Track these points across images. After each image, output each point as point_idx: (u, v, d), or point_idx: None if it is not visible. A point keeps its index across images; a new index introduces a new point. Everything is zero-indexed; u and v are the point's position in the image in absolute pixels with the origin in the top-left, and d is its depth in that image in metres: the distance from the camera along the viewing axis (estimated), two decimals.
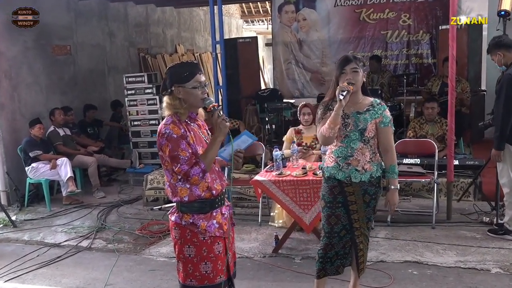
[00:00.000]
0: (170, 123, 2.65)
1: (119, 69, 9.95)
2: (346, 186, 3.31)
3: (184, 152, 2.61)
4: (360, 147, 3.27)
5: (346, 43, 10.11)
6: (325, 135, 3.25)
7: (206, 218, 2.71)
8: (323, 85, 10.27)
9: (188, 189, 2.68)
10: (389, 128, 3.29)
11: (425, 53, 9.69)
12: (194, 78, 2.67)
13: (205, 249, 2.71)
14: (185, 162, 2.60)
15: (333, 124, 3.19)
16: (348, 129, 3.28)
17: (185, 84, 2.66)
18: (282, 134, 6.38)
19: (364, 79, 3.29)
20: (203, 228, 2.70)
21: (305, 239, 5.00)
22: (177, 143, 2.60)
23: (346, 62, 3.23)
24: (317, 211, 4.43)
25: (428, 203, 5.83)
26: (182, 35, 13.12)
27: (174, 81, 2.68)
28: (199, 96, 2.68)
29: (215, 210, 2.76)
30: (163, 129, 2.64)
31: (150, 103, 8.03)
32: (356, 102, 3.28)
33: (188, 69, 2.69)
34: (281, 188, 4.54)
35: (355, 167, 3.28)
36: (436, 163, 5.47)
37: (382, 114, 3.26)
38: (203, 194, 2.69)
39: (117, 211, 6.53)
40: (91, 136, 8.43)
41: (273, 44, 11.03)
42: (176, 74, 2.69)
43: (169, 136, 2.61)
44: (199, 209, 2.71)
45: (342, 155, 3.31)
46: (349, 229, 3.37)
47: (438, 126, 6.33)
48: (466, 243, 4.71)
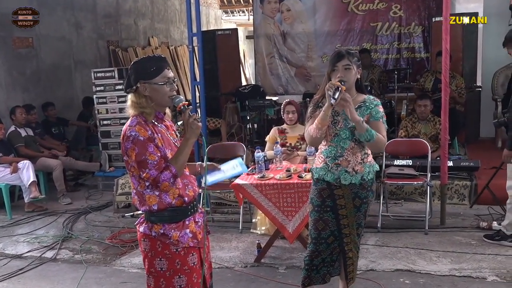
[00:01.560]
0: (136, 125, 2.59)
1: (86, 64, 9.86)
2: (336, 188, 3.33)
3: (152, 156, 2.56)
4: (351, 146, 3.30)
5: (333, 36, 10.18)
6: (312, 135, 3.28)
7: (178, 228, 2.67)
8: (309, 81, 10.34)
9: (157, 197, 2.63)
10: (379, 122, 3.27)
11: (417, 47, 9.81)
12: (162, 74, 2.63)
13: (178, 262, 2.67)
14: (153, 167, 2.55)
15: (321, 124, 3.22)
16: (338, 127, 3.30)
17: (151, 80, 2.61)
18: (265, 134, 6.39)
19: (358, 76, 3.32)
20: (176, 239, 2.66)
21: (290, 247, 5.01)
22: (144, 147, 2.55)
23: (338, 58, 3.25)
24: (302, 217, 4.45)
25: (420, 207, 5.90)
26: (156, 27, 13.06)
27: (139, 77, 2.62)
28: (167, 94, 2.64)
29: (188, 218, 2.72)
30: (128, 131, 2.58)
31: (121, 101, 7.96)
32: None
33: (154, 63, 2.64)
34: (264, 193, 4.55)
35: (345, 168, 3.30)
36: (429, 165, 5.52)
37: (373, 109, 3.28)
38: (173, 201, 2.65)
39: (85, 219, 6.47)
40: (56, 137, 8.34)
41: (254, 37, 11.05)
42: (141, 69, 2.64)
43: (135, 139, 2.55)
44: (170, 218, 2.66)
45: (332, 155, 3.33)
46: (338, 236, 3.40)
47: (431, 125, 6.40)
48: (461, 250, 4.77)
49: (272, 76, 10.70)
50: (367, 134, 3.17)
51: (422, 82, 7.96)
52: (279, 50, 10.57)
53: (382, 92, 8.70)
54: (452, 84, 7.26)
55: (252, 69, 14.05)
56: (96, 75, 8.09)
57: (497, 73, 8.25)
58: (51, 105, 8.46)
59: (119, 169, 7.83)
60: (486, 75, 8.61)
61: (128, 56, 11.27)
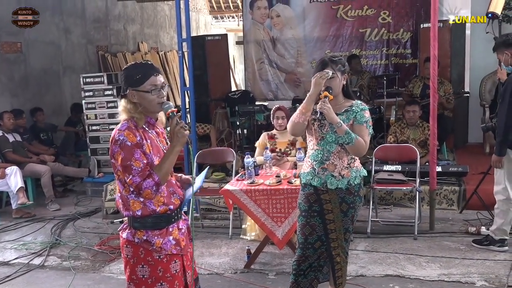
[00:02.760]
0: (125, 129, 2.59)
1: (75, 69, 9.83)
2: (322, 193, 3.35)
3: (137, 162, 2.56)
4: (337, 150, 3.32)
5: (323, 41, 10.20)
6: (294, 120, 3.32)
7: (161, 235, 2.66)
8: (299, 86, 10.34)
9: (141, 203, 2.63)
10: (362, 126, 3.29)
11: (405, 53, 9.85)
12: (149, 81, 2.62)
13: (160, 269, 2.67)
14: (137, 173, 2.55)
15: (305, 109, 3.27)
16: (324, 130, 3.33)
17: (138, 88, 2.62)
18: (255, 140, 6.40)
19: (344, 82, 3.35)
20: (158, 246, 2.65)
21: (280, 253, 5.00)
22: (130, 152, 2.56)
23: (322, 67, 3.30)
24: (291, 223, 4.45)
25: (410, 213, 5.92)
26: (146, 32, 13.04)
27: (128, 83, 2.65)
28: (155, 101, 2.64)
29: (172, 225, 2.71)
30: (116, 135, 2.59)
31: (110, 106, 7.94)
32: (336, 104, 3.34)
33: (141, 70, 2.65)
34: (253, 198, 4.55)
35: (332, 173, 3.32)
36: (418, 170, 5.55)
37: (358, 113, 3.30)
38: (158, 209, 2.65)
39: (73, 225, 6.42)
40: (44, 143, 8.30)
41: (244, 43, 11.05)
42: (129, 77, 2.65)
43: (122, 144, 2.56)
44: (153, 225, 2.65)
45: (318, 159, 3.35)
46: (325, 240, 3.41)
47: (420, 131, 6.44)
48: (450, 255, 4.79)
49: (262, 81, 10.69)
50: (346, 137, 3.21)
51: (411, 88, 8.00)
52: (269, 56, 10.57)
53: (371, 97, 8.73)
54: (440, 90, 7.31)
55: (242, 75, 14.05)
56: (85, 80, 8.05)
57: (485, 79, 8.32)
58: (40, 110, 8.41)
59: (108, 175, 7.79)
60: (474, 81, 8.67)
61: (118, 61, 11.24)
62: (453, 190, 6.10)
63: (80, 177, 8.21)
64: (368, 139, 3.32)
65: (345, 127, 3.22)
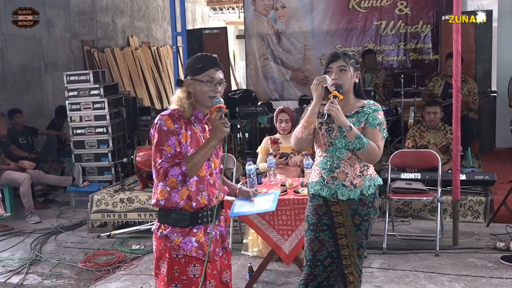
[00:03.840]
0: (166, 115, 2.82)
1: (58, 66, 9.85)
2: (333, 205, 3.33)
3: (169, 148, 2.75)
4: (348, 157, 3.29)
5: (333, 35, 10.23)
6: (297, 135, 3.32)
7: (182, 233, 2.83)
8: (306, 85, 10.35)
9: (167, 193, 2.82)
10: (375, 130, 3.27)
11: (425, 47, 9.88)
12: (207, 72, 2.85)
13: (176, 269, 2.82)
14: (167, 159, 2.75)
15: (307, 123, 3.27)
16: (333, 135, 3.30)
17: (196, 77, 2.85)
18: (257, 145, 6.40)
19: (356, 80, 3.34)
20: (177, 244, 2.82)
21: (285, 270, 5.00)
22: (165, 137, 2.76)
23: (333, 58, 3.29)
24: (299, 237, 4.44)
25: (430, 226, 5.91)
26: (136, 25, 13.08)
27: (187, 72, 2.91)
28: (207, 93, 2.84)
29: (197, 227, 2.86)
30: (157, 119, 2.82)
31: (97, 107, 7.96)
32: (345, 105, 3.32)
33: (203, 60, 2.90)
34: None
35: (342, 182, 3.30)
36: (439, 178, 5.54)
37: (370, 115, 3.28)
38: (181, 202, 2.81)
39: (55, 240, 6.42)
40: (24, 148, 8.30)
41: (245, 36, 11.09)
42: (191, 64, 2.92)
43: (159, 127, 2.78)
44: (175, 221, 2.83)
45: (327, 166, 3.33)
46: (336, 257, 3.39)
47: (441, 135, 6.43)
48: (476, 273, 4.77)
49: (265, 79, 10.72)
50: (356, 142, 3.19)
51: (431, 86, 8.00)
52: (273, 51, 10.60)
53: (387, 97, 8.75)
54: (464, 89, 7.31)
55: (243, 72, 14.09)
56: (69, 79, 8.06)
57: None
58: (19, 112, 8.41)
59: (94, 183, 7.79)
60: (501, 79, 8.66)
61: (105, 57, 11.28)
62: (479, 201, 6.08)
63: (63, 186, 8.20)
64: (382, 143, 3.29)
65: (355, 131, 3.19)
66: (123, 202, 6.54)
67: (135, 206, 6.50)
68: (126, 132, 8.58)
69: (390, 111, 7.85)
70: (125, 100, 8.65)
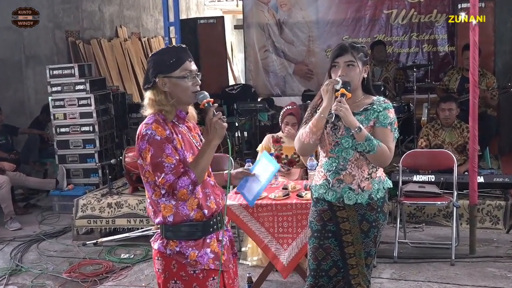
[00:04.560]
0: (153, 122, 2.73)
1: (40, 59, 9.83)
2: (339, 210, 3.32)
3: (169, 158, 2.69)
4: (355, 158, 3.28)
5: (339, 25, 10.22)
6: (304, 141, 3.30)
7: (197, 246, 2.79)
8: (311, 79, 10.36)
9: (174, 207, 2.76)
10: (386, 130, 3.26)
11: (440, 38, 9.86)
12: (183, 66, 2.77)
13: (195, 286, 2.79)
14: (170, 171, 2.68)
15: (316, 128, 3.24)
16: (339, 134, 3.29)
17: (171, 74, 2.77)
18: (257, 144, 6.38)
19: (365, 75, 3.33)
20: (193, 259, 2.77)
21: (287, 281, 4.99)
22: (161, 147, 2.69)
23: (340, 52, 3.27)
24: (300, 246, 4.43)
25: (445, 233, 5.90)
26: (125, 14, 13.06)
27: (157, 70, 2.78)
28: (190, 89, 2.79)
29: (210, 236, 2.84)
30: (143, 130, 2.73)
31: (83, 104, 7.96)
32: (353, 101, 3.30)
33: (174, 54, 2.79)
34: (255, 215, 4.54)
35: (349, 185, 3.29)
36: (455, 181, 5.54)
37: (381, 113, 3.27)
38: (192, 213, 2.77)
39: (37, 248, 6.43)
40: (3, 148, 8.30)
41: (244, 27, 11.07)
42: (159, 62, 2.79)
43: (151, 138, 2.70)
44: (188, 235, 2.78)
45: (333, 168, 3.32)
46: (342, 267, 3.39)
47: (457, 133, 6.43)
48: (495, 284, 4.77)
49: (266, 73, 10.70)
50: (366, 144, 3.17)
51: (446, 81, 8.00)
52: (274, 43, 10.58)
53: (398, 93, 8.74)
54: (482, 84, 7.30)
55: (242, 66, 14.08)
56: (52, 73, 8.07)
57: None
58: None
59: (79, 186, 7.80)
60: None
61: (91, 49, 11.24)
62: (498, 205, 6.07)
63: (45, 189, 8.20)
64: (393, 145, 3.29)
65: (365, 132, 3.17)
66: (111, 207, 6.54)
67: (124, 211, 6.51)
68: (114, 131, 8.58)
69: (401, 108, 7.84)
70: (113, 96, 8.65)
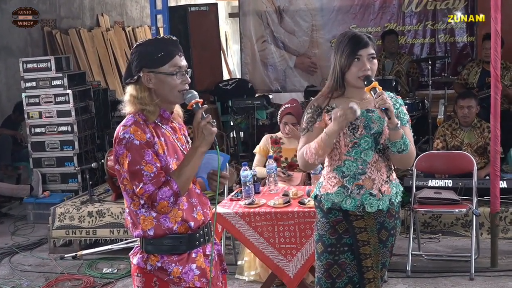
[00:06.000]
0: (131, 124, 2.69)
1: (13, 51, 9.83)
2: (356, 219, 3.29)
3: (149, 166, 2.65)
4: (374, 160, 3.27)
5: (346, 13, 10.21)
6: (308, 160, 3.26)
7: (181, 262, 2.76)
8: (314, 73, 10.36)
9: (155, 219, 2.73)
10: (406, 128, 3.27)
11: (458, 28, 9.86)
12: (172, 61, 2.74)
13: None
14: (150, 180, 2.64)
15: (323, 151, 3.20)
16: (358, 134, 3.25)
17: (158, 69, 2.73)
18: (254, 145, 6.38)
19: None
20: (177, 276, 2.74)
21: None
22: (140, 153, 2.65)
23: (363, 44, 3.22)
24: (305, 257, 4.44)
25: (464, 244, 5.91)
26: (107, 1, 13.07)
27: (142, 64, 2.74)
28: (177, 87, 2.76)
29: (195, 250, 2.80)
30: (121, 133, 2.70)
31: (60, 101, 7.95)
32: (363, 98, 3.31)
33: (163, 47, 2.76)
34: (252, 225, 4.54)
35: (370, 190, 3.26)
36: (475, 186, 5.55)
37: (398, 109, 3.29)
38: (175, 226, 2.74)
39: (9, 262, 6.42)
40: None
41: (240, 15, 11.09)
42: (145, 55, 2.75)
43: (128, 143, 2.66)
44: (171, 248, 2.75)
45: (350, 172, 3.27)
46: (358, 282, 3.38)
47: (477, 133, 6.44)
48: None
49: (264, 67, 10.71)
50: (401, 142, 3.15)
51: (465, 75, 8.01)
52: (273, 33, 10.59)
53: (411, 88, 8.74)
54: (505, 78, 7.32)
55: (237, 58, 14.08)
56: (26, 67, 8.05)
57: None
58: None
59: (56, 193, 7.78)
60: None
61: (69, 40, 11.25)
62: None
63: (19, 196, 8.20)
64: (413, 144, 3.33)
65: (401, 129, 3.16)
66: (91, 216, 6.53)
67: (106, 221, 6.50)
68: (95, 131, 8.57)
69: (415, 105, 7.86)
70: (94, 92, 8.63)
